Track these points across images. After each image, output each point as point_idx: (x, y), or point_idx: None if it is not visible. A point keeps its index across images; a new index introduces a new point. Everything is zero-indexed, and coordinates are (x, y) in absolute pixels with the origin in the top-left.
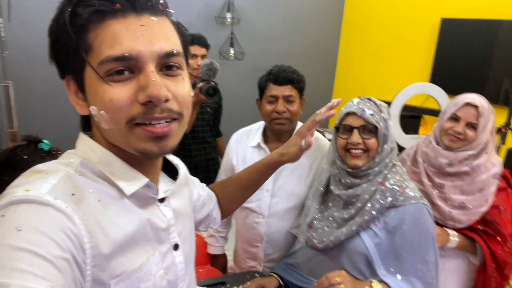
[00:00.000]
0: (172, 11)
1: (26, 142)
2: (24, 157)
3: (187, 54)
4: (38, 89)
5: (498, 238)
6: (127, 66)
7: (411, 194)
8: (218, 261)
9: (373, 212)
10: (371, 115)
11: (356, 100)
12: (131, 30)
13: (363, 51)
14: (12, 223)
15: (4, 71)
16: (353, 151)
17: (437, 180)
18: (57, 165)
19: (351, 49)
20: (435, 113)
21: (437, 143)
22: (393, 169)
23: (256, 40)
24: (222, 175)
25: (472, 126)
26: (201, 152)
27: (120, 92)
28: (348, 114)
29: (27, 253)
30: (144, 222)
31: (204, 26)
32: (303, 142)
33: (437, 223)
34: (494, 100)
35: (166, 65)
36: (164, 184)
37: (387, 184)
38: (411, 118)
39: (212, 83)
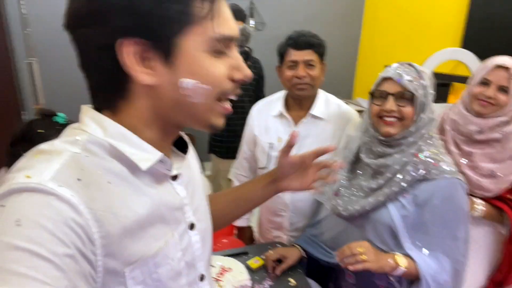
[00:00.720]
0: None
1: (41, 116)
2: (40, 130)
3: None
4: (64, 65)
5: None
6: (227, 45)
7: (446, 168)
8: (244, 233)
9: (403, 184)
10: (409, 81)
11: (395, 65)
12: (229, 14)
13: (389, 16)
14: (12, 216)
15: (26, 48)
16: (387, 118)
17: (465, 148)
18: (62, 144)
19: (376, 14)
20: (465, 80)
21: (467, 110)
22: (428, 141)
23: (277, 10)
24: (244, 146)
25: (504, 89)
26: (240, 122)
27: (222, 68)
28: (385, 79)
29: (26, 253)
30: (157, 202)
31: None
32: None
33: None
34: None
35: None
36: (176, 160)
37: (421, 156)
38: (440, 86)
39: (246, 48)
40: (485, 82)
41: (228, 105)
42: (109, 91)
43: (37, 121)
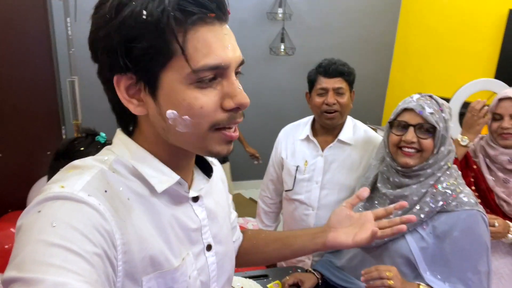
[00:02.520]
0: None
1: (85, 135)
2: (82, 148)
3: None
4: (100, 84)
5: None
6: (216, 74)
7: (465, 199)
8: None
9: (422, 216)
10: (431, 113)
11: (416, 96)
12: (220, 39)
13: (422, 44)
14: (47, 219)
15: (70, 67)
16: (406, 149)
17: (501, 175)
18: (93, 161)
19: (408, 42)
20: None
21: (494, 142)
22: (447, 172)
23: (307, 35)
24: (270, 168)
25: None
26: None
27: (209, 99)
28: (406, 110)
29: (61, 249)
30: (172, 222)
31: (256, 22)
32: (375, 229)
33: (502, 215)
34: None
35: (235, 72)
36: (199, 182)
37: (440, 187)
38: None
39: None
40: (498, 118)
41: (231, 132)
42: (122, 118)
43: (80, 139)
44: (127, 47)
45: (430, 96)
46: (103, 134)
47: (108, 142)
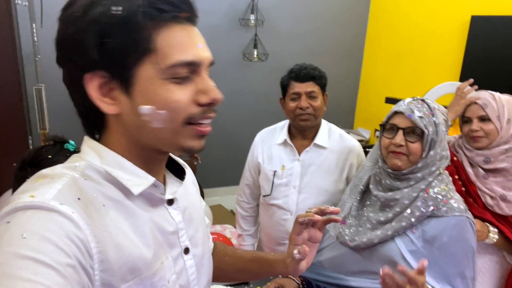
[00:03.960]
0: None
1: (52, 142)
2: (49, 156)
3: None
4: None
5: None
6: (190, 71)
7: (455, 205)
8: None
9: (412, 219)
10: (420, 117)
11: (408, 99)
12: (192, 38)
13: (390, 49)
14: (17, 230)
15: (37, 75)
16: (395, 152)
17: (481, 171)
18: (62, 169)
19: (377, 47)
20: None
21: (470, 146)
22: (439, 177)
23: (280, 41)
24: (246, 173)
25: (484, 119)
26: None
27: (184, 94)
28: (396, 113)
29: (31, 261)
30: (151, 226)
31: (228, 28)
32: (295, 252)
33: (482, 205)
34: (504, 94)
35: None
36: (172, 185)
37: (431, 192)
38: None
39: None
40: (467, 120)
41: (204, 127)
42: (90, 122)
43: (48, 147)
44: (100, 43)
45: (423, 100)
46: (72, 142)
47: (77, 150)
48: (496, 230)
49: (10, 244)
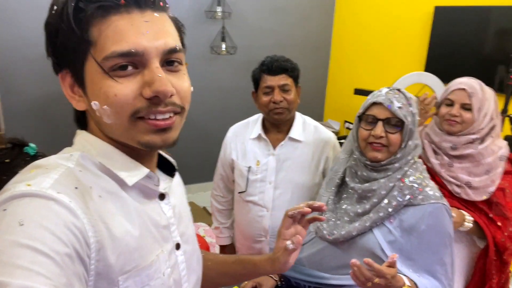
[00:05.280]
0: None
1: (11, 145)
2: (7, 160)
3: (184, 49)
4: (25, 90)
5: (499, 223)
6: (131, 62)
7: (431, 193)
8: (226, 252)
9: (389, 209)
10: (399, 108)
11: (384, 89)
12: (136, 26)
13: (357, 41)
14: (15, 217)
15: None
16: (375, 143)
17: (446, 159)
18: (57, 160)
19: (344, 39)
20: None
21: (439, 129)
22: (414, 166)
23: (248, 34)
24: (220, 168)
25: (466, 107)
26: None
27: (124, 87)
28: (374, 104)
29: (28, 250)
30: (145, 218)
31: (194, 21)
32: (289, 243)
33: (448, 194)
34: (489, 87)
35: (167, 60)
36: (163, 181)
37: (406, 181)
38: None
39: None
40: (449, 103)
41: (160, 121)
42: (77, 117)
43: (5, 151)
44: (52, 43)
45: (398, 90)
46: (32, 145)
47: (39, 154)
48: (471, 218)
49: (7, 231)
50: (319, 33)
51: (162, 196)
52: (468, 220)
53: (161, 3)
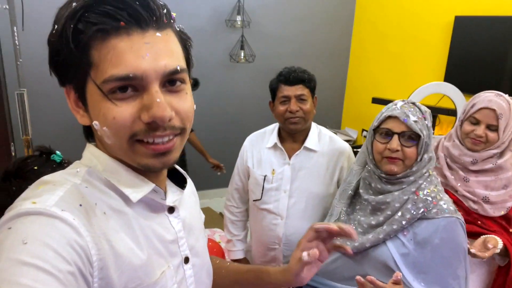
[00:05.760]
0: (174, 15)
1: (38, 153)
2: (35, 167)
3: (190, 65)
4: (51, 96)
5: None
6: (130, 85)
7: (445, 206)
8: None
9: (403, 222)
10: (415, 121)
11: (399, 103)
12: (136, 49)
13: (376, 50)
14: (19, 236)
15: (18, 79)
16: (391, 157)
17: (461, 173)
18: (64, 175)
19: (363, 48)
20: (450, 112)
21: (460, 142)
22: (428, 179)
23: (267, 42)
24: (236, 177)
25: (492, 128)
26: None
27: (123, 110)
28: (390, 117)
29: (32, 268)
30: (150, 235)
31: (214, 30)
32: (304, 254)
33: (467, 218)
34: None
35: (169, 80)
36: (172, 194)
37: (421, 194)
38: None
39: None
40: (474, 122)
41: (159, 145)
42: (85, 130)
43: (33, 158)
44: (55, 61)
45: (413, 103)
46: (58, 153)
47: (64, 162)
48: (501, 241)
49: (11, 250)
50: (338, 41)
51: (171, 209)
52: (499, 247)
53: (164, 20)
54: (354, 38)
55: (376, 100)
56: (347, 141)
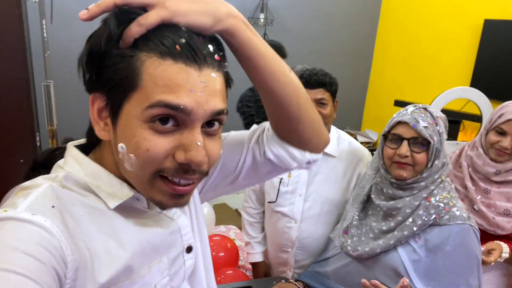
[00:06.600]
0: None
1: (66, 145)
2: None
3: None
4: (77, 88)
5: None
6: (174, 118)
7: (458, 213)
8: (258, 269)
9: (414, 228)
10: (425, 127)
11: (410, 108)
12: (191, 84)
13: (400, 52)
14: None
15: (45, 71)
16: (400, 162)
17: (482, 185)
18: (42, 180)
19: (387, 49)
20: (475, 118)
21: (483, 151)
22: (441, 185)
23: (289, 41)
24: None
25: None
26: None
27: (159, 144)
28: (400, 123)
29: (2, 272)
30: (137, 231)
31: None
32: None
33: (480, 230)
34: None
35: (208, 121)
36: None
37: (433, 200)
38: (450, 123)
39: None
40: (501, 132)
41: (181, 187)
42: (92, 132)
43: (62, 150)
44: (100, 67)
45: (425, 109)
46: None
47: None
48: (507, 249)
49: None
50: (362, 41)
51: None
52: (506, 251)
53: (217, 57)
54: (379, 38)
55: (398, 103)
56: (367, 143)
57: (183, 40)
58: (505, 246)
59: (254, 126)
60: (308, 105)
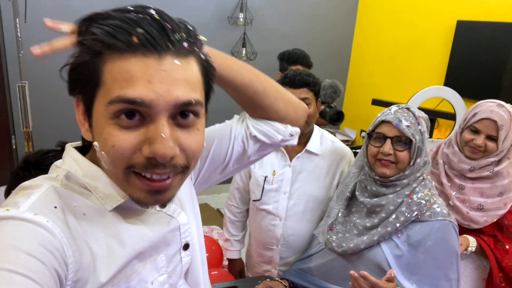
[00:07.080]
0: (204, 39)
1: (60, 148)
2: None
3: (209, 96)
4: (52, 89)
5: (507, 246)
6: (138, 112)
7: (438, 210)
8: (234, 266)
9: (397, 225)
10: (407, 126)
11: (393, 108)
12: (149, 74)
13: (377, 52)
14: None
15: (20, 71)
16: (383, 160)
17: (457, 181)
18: (43, 180)
19: (364, 50)
20: (449, 116)
21: (459, 149)
22: (422, 183)
23: (268, 40)
24: (237, 177)
25: (492, 138)
26: None
27: (124, 139)
28: (384, 122)
29: (4, 271)
30: (136, 230)
31: (216, 26)
32: None
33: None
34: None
35: (181, 112)
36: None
37: (415, 197)
38: None
39: (335, 106)
40: (474, 131)
41: (155, 182)
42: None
43: (55, 152)
44: (70, 69)
45: (408, 109)
46: None
47: None
48: (475, 243)
49: None
50: (340, 41)
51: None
52: (472, 245)
53: (186, 46)
54: (356, 39)
55: (376, 102)
56: (346, 141)
57: (141, 30)
58: (472, 240)
59: (235, 116)
60: (268, 79)
